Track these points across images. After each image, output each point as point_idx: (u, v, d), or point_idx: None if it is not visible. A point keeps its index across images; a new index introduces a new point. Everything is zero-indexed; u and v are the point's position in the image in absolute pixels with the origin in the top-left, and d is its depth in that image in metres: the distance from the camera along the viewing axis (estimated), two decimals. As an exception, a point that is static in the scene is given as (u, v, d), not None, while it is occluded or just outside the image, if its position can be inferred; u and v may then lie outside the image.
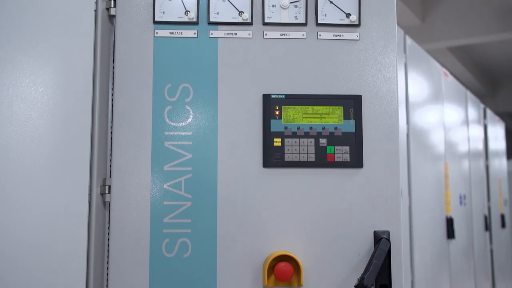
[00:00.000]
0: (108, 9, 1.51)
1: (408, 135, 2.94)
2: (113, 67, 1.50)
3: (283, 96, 1.48)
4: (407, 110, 2.97)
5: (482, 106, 4.92)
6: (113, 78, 1.50)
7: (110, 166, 1.47)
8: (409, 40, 3.06)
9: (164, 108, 1.47)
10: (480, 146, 4.67)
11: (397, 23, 1.61)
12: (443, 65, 3.96)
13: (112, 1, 1.51)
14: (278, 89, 1.49)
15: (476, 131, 4.58)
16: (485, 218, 4.52)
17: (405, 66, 2.98)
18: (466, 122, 4.27)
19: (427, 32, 6.44)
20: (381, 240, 1.40)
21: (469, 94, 4.40)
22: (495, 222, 4.92)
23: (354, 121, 1.48)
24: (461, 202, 3.74)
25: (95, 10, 1.47)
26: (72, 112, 1.38)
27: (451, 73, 5.52)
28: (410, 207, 2.80)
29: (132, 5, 1.50)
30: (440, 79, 3.61)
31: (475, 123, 4.58)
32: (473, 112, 4.47)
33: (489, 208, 4.72)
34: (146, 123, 1.46)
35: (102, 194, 1.46)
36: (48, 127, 1.32)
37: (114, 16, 1.51)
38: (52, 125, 1.33)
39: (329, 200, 1.46)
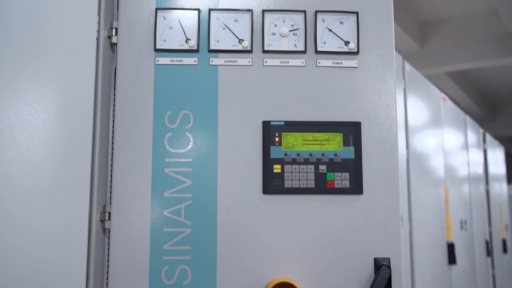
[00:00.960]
0: (109, 37, 1.53)
1: (408, 160, 2.94)
2: (114, 94, 1.52)
3: (282, 123, 1.49)
4: (407, 135, 2.98)
5: (481, 130, 4.94)
6: (114, 105, 1.52)
7: (110, 192, 1.47)
8: (407, 66, 3.09)
9: (165, 135, 1.48)
10: (480, 170, 4.67)
11: (396, 49, 1.63)
12: (442, 90, 3.99)
13: (114, 30, 1.53)
14: (278, 115, 1.50)
15: (476, 156, 4.59)
16: (487, 243, 4.50)
17: (404, 91, 3.00)
18: (466, 146, 4.28)
19: (425, 58, 6.49)
20: (381, 267, 1.40)
21: (468, 119, 4.42)
22: (497, 247, 4.89)
23: (353, 147, 1.48)
24: (462, 227, 3.72)
25: (97, 38, 1.49)
26: (73, 139, 1.38)
27: (450, 98, 5.55)
28: (410, 232, 2.79)
29: (133, 33, 1.52)
30: (439, 104, 3.63)
31: (475, 148, 4.59)
32: (472, 137, 4.49)
33: (490, 233, 4.70)
34: (146, 149, 1.47)
35: (102, 221, 1.46)
36: (49, 154, 1.33)
37: (116, 44, 1.52)
38: (53, 152, 1.34)
39: (329, 227, 1.45)
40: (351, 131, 1.49)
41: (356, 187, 1.47)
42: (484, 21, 6.38)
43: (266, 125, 1.48)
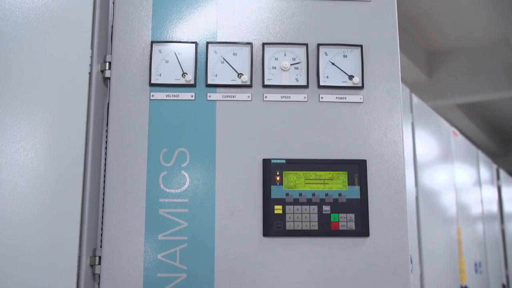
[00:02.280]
0: (102, 71, 1.55)
1: (417, 197, 2.94)
2: (107, 131, 1.53)
3: (284, 161, 1.49)
4: (416, 172, 2.99)
5: (495, 166, 4.94)
6: (106, 143, 1.53)
7: (101, 235, 1.47)
8: (415, 99, 3.11)
9: (159, 173, 1.48)
10: (495, 208, 4.66)
11: (403, 80, 1.65)
12: (452, 123, 4.01)
13: (107, 63, 1.55)
14: (279, 153, 1.50)
15: (490, 193, 4.58)
16: (503, 287, 4.45)
17: (412, 125, 3.02)
18: (479, 183, 4.28)
19: (434, 89, 6.55)
20: (390, 315, 1.39)
21: (481, 154, 4.43)
22: (514, 291, 4.84)
23: (359, 187, 1.49)
24: (476, 270, 3.69)
25: (89, 73, 1.51)
26: (62, 179, 1.39)
27: (461, 131, 5.57)
28: (421, 276, 2.77)
29: (127, 67, 1.54)
30: (450, 139, 3.64)
31: (488, 184, 4.58)
32: (485, 173, 4.49)
33: (507, 276, 4.66)
34: (140, 189, 1.47)
35: (92, 266, 1.46)
36: (36, 194, 1.33)
37: (109, 78, 1.54)
38: (41, 192, 1.34)
39: (334, 272, 1.45)
40: (356, 170, 1.50)
41: (362, 229, 1.46)
42: (494, 51, 6.45)
43: (266, 163, 1.49)
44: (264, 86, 1.54)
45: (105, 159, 1.52)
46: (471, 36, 6.37)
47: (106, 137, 1.53)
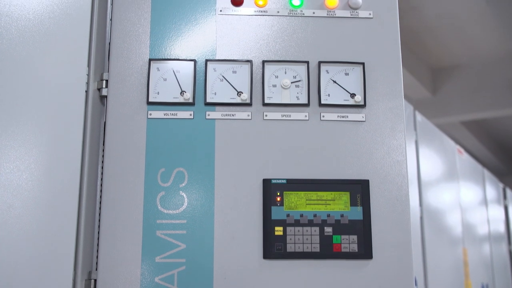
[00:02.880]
0: (99, 89, 1.56)
1: (421, 217, 2.94)
2: (103, 150, 1.53)
3: (284, 181, 1.49)
4: (420, 191, 2.99)
5: (501, 185, 4.94)
6: (102, 162, 1.53)
7: (97, 257, 1.46)
8: (419, 116, 3.12)
9: (157, 194, 1.48)
10: (502, 228, 4.65)
11: (406, 97, 1.65)
12: (457, 140, 4.02)
13: (104, 81, 1.56)
14: (280, 173, 1.51)
15: (496, 212, 4.57)
16: (511, 309, 4.42)
17: (415, 143, 3.02)
18: (485, 202, 4.27)
19: (438, 106, 6.56)
20: None
21: (487, 173, 4.43)
22: (523, 314, 4.80)
23: (361, 207, 1.49)
24: (483, 292, 3.67)
25: (86, 91, 1.52)
26: (57, 199, 1.39)
27: (466, 149, 5.58)
28: (426, 299, 2.75)
29: (125, 85, 1.55)
30: (454, 157, 3.65)
31: (495, 204, 4.58)
32: (492, 192, 4.48)
33: (515, 299, 4.63)
34: (137, 210, 1.47)
35: (87, 289, 1.45)
36: (31, 216, 1.33)
37: (106, 96, 1.55)
38: (36, 213, 1.34)
39: (336, 296, 1.44)
40: (359, 190, 1.50)
41: (365, 251, 1.46)
42: (500, 67, 6.48)
43: (266, 183, 1.49)
44: (264, 104, 1.55)
45: (101, 179, 1.52)
46: (476, 52, 6.40)
47: (103, 156, 1.53)
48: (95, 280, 1.44)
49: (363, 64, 1.58)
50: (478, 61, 6.61)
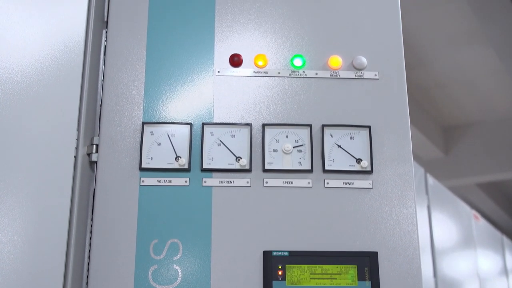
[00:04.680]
0: (89, 154, 1.58)
1: (436, 290, 2.90)
2: (92, 220, 1.53)
3: (286, 253, 1.49)
4: (434, 260, 2.97)
5: (522, 252, 4.89)
6: (91, 232, 1.53)
7: (82, 338, 1.44)
8: (431, 179, 3.13)
9: (149, 268, 1.48)
10: (524, 300, 4.57)
11: (417, 157, 1.67)
12: (472, 204, 4.02)
13: (94, 146, 1.58)
14: (281, 245, 1.50)
15: (518, 283, 4.51)
16: None
17: (428, 208, 3.03)
18: (505, 271, 4.23)
19: (451, 167, 6.58)
20: None
21: (506, 239, 4.41)
22: None
23: (370, 282, 1.48)
24: None
25: (74, 156, 1.53)
26: (42, 275, 1.38)
27: (483, 213, 5.56)
28: None
29: (116, 151, 1.57)
30: (471, 223, 3.64)
31: (516, 273, 4.52)
32: (512, 260, 4.44)
33: None
34: (127, 285, 1.46)
35: None
36: (12, 292, 1.32)
37: (96, 162, 1.57)
38: (18, 289, 1.33)
39: None
40: (367, 263, 1.49)
41: (374, 331, 1.44)
42: (516, 125, 6.54)
43: (267, 255, 1.49)
44: (265, 170, 1.56)
45: (89, 250, 1.51)
46: (489, 108, 6.47)
47: (91, 226, 1.53)
48: None
49: (369, 127, 1.60)
50: (493, 119, 6.67)
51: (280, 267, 1.48)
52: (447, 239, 3.24)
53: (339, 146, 1.59)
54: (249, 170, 1.56)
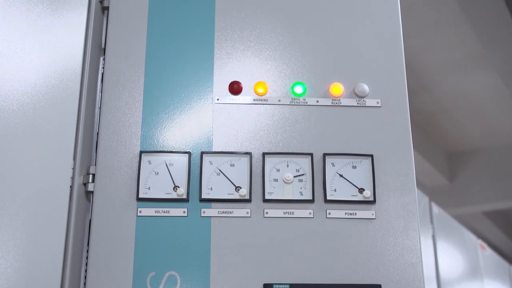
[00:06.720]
0: (85, 184, 1.58)
1: (443, 324, 2.88)
2: (87, 251, 1.53)
3: (287, 286, 1.49)
4: (439, 292, 2.95)
5: (531, 283, 4.86)
6: (86, 265, 1.53)
7: None
8: (435, 208, 3.13)
9: (146, 301, 1.47)
10: (533, 333, 4.54)
11: (421, 185, 1.68)
12: (479, 233, 4.01)
13: (91, 176, 1.58)
14: (282, 277, 1.50)
15: (527, 315, 4.48)
16: None
17: (433, 238, 3.02)
18: (513, 303, 4.20)
19: (457, 195, 6.57)
20: None
21: (514, 270, 4.39)
22: None
23: (373, 316, 1.48)
24: None
25: (70, 186, 1.54)
26: (35, 308, 1.38)
27: (490, 242, 5.54)
28: None
29: (113, 180, 1.57)
30: (477, 253, 3.63)
31: (524, 305, 4.49)
32: (520, 292, 4.42)
33: None
34: (123, 319, 1.46)
35: None
36: (4, 327, 1.31)
37: (92, 192, 1.57)
38: (10, 324, 1.32)
39: None
40: (370, 296, 1.49)
41: None
42: (523, 151, 6.55)
43: (267, 288, 1.49)
44: (265, 200, 1.57)
45: (85, 284, 1.51)
46: (495, 134, 6.49)
47: (87, 258, 1.53)
48: None
49: (371, 156, 1.61)
50: (499, 145, 6.68)
51: (281, 300, 1.48)
52: (453, 270, 3.23)
53: (341, 176, 1.60)
54: (249, 200, 1.56)
